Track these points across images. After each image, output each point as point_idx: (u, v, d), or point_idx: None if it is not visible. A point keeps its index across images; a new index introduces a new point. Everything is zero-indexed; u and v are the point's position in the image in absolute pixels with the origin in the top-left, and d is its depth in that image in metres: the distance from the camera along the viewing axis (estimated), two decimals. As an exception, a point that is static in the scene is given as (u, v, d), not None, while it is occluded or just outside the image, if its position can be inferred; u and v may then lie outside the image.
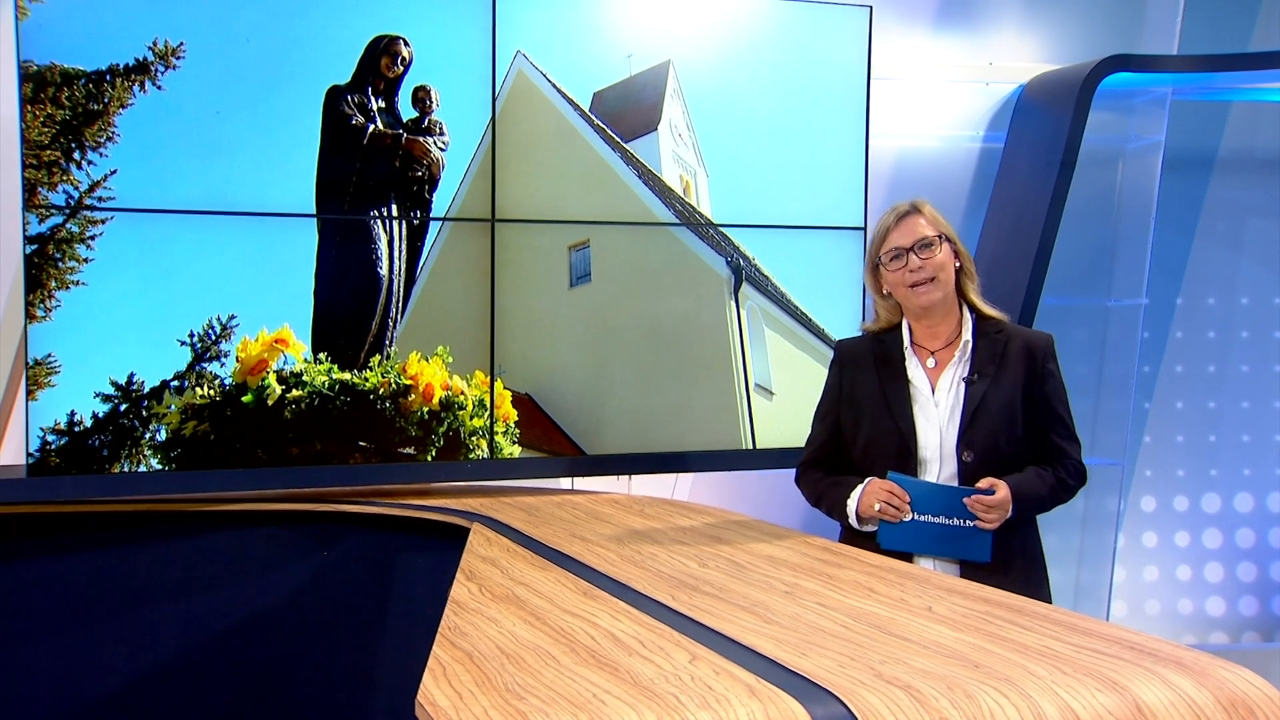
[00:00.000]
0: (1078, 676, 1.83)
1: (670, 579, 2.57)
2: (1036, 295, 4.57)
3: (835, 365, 3.24)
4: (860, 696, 1.74)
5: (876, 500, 2.97)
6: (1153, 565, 5.62)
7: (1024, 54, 5.13)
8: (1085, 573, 5.34)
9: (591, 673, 1.87)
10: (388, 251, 3.82)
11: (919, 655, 1.95)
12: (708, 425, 4.17)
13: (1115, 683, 1.82)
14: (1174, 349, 5.57)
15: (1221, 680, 1.84)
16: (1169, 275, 5.48)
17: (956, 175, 5.09)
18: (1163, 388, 5.58)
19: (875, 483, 3.01)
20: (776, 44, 4.22)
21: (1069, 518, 5.36)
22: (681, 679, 1.82)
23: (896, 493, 2.96)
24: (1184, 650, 1.97)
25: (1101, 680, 1.82)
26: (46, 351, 3.53)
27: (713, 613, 2.25)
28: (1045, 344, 3.11)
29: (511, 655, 1.98)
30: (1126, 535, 5.58)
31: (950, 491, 2.96)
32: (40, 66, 3.49)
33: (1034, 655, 1.95)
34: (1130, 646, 2.00)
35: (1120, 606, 5.61)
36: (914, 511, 2.96)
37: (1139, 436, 5.56)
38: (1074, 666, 1.88)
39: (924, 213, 3.05)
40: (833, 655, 1.95)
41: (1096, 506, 5.29)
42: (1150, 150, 5.09)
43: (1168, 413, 5.58)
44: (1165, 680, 1.83)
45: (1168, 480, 5.59)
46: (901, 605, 2.31)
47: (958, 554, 2.97)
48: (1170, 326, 5.57)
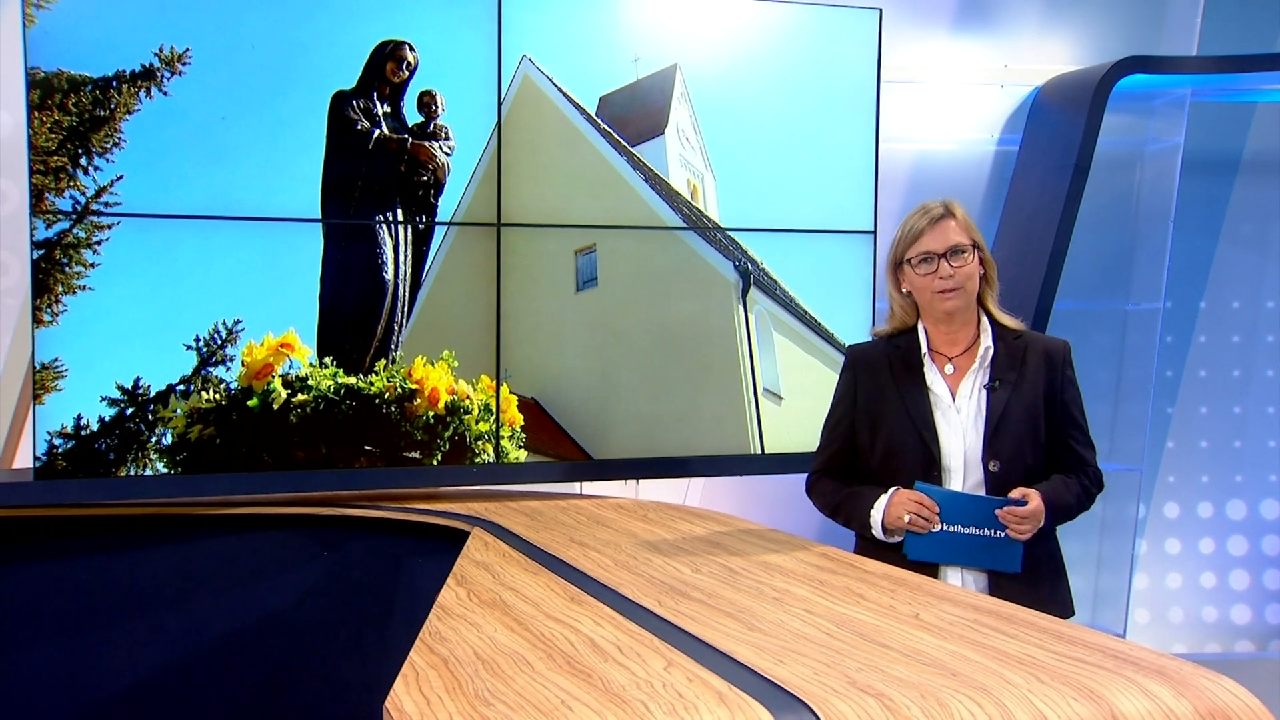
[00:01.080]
0: (1055, 685, 1.81)
1: (661, 584, 2.56)
2: (1050, 299, 4.53)
3: (848, 371, 3.17)
4: (830, 705, 1.72)
5: (905, 511, 2.91)
6: (1176, 572, 5.56)
7: (1040, 56, 5.09)
8: (1104, 579, 5.28)
9: (564, 679, 1.86)
10: (393, 256, 3.83)
11: (897, 663, 1.93)
12: (716, 430, 4.15)
13: (1093, 691, 1.79)
14: (1197, 353, 5.51)
15: (1201, 690, 1.81)
16: (1193, 279, 5.42)
17: (971, 178, 5.05)
18: (1186, 392, 5.51)
19: (903, 493, 2.95)
20: (785, 47, 4.20)
21: (1088, 524, 5.31)
22: (653, 686, 1.81)
23: (926, 503, 2.91)
24: (1168, 659, 1.94)
25: (1079, 689, 1.80)
26: (53, 356, 3.55)
27: (697, 619, 2.24)
28: (1063, 350, 3.07)
29: (487, 661, 1.97)
30: (1149, 542, 5.52)
31: (980, 501, 2.92)
32: (47, 73, 3.52)
33: (1013, 663, 1.92)
34: (1114, 655, 1.97)
35: (1143, 614, 5.55)
36: (943, 522, 2.92)
37: (1161, 442, 5.49)
38: (1052, 675, 1.86)
39: (957, 216, 2.99)
40: (810, 663, 1.93)
41: (1115, 512, 5.23)
42: (1169, 152, 5.04)
43: (1191, 418, 5.52)
44: (1144, 689, 1.80)
45: (1191, 486, 5.52)
46: (889, 612, 2.29)
47: (988, 564, 2.93)
48: (1194, 331, 5.51)
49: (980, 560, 2.92)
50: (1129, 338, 5.23)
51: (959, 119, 5.05)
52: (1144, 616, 5.54)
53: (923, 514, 2.90)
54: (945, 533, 2.91)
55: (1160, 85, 4.98)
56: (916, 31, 4.96)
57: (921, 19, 4.98)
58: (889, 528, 2.96)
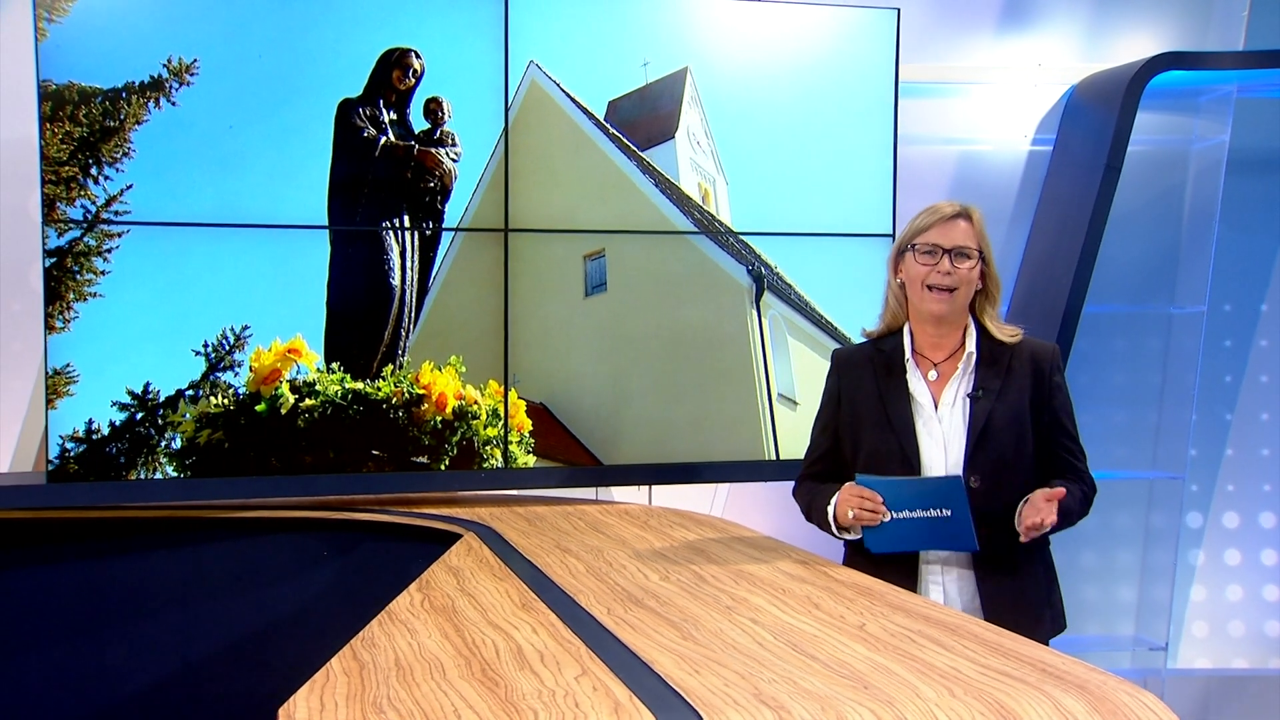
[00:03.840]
0: (966, 699, 1.75)
1: (621, 592, 2.53)
2: (1080, 302, 4.41)
3: (833, 374, 3.11)
4: (724, 716, 1.69)
5: (849, 507, 2.85)
6: (1236, 585, 5.37)
7: (1078, 54, 4.96)
8: (1147, 590, 5.14)
9: (469, 687, 1.84)
10: (399, 262, 3.86)
11: (815, 675, 1.89)
12: (730, 436, 4.11)
13: (1002, 706, 1.73)
14: (1258, 358, 5.32)
15: (1118, 705, 1.75)
16: (1254, 281, 5.23)
17: (1005, 179, 4.94)
18: (1246, 398, 5.33)
19: (846, 488, 2.87)
20: (801, 48, 4.15)
21: (1132, 534, 5.17)
22: (554, 695, 1.79)
23: (867, 495, 2.82)
24: (1099, 675, 1.87)
25: (989, 703, 1.74)
26: (65, 361, 3.64)
27: (637, 627, 2.21)
28: (1051, 355, 2.97)
29: (404, 668, 1.96)
30: (1206, 553, 5.35)
31: (919, 483, 2.83)
32: (59, 85, 3.60)
33: (935, 676, 1.87)
34: (1043, 669, 1.90)
35: (1201, 627, 5.38)
36: (890, 510, 2.84)
37: (1220, 450, 5.32)
38: (968, 689, 1.80)
39: (973, 220, 2.92)
40: (726, 674, 1.90)
41: (1160, 522, 5.08)
42: (1214, 151, 4.88)
43: (1251, 425, 5.33)
44: (1058, 704, 1.74)
45: (1252, 495, 5.33)
46: (835, 623, 2.24)
47: (946, 546, 2.84)
48: (1254, 334, 5.32)
49: (938, 543, 2.83)
50: (1173, 342, 5.08)
51: (994, 119, 4.94)
52: (1202, 630, 5.37)
53: (866, 506, 2.81)
54: (895, 521, 2.81)
55: (1205, 82, 4.84)
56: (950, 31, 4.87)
57: (955, 18, 4.89)
58: (842, 525, 2.90)
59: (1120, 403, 5.11)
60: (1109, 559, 5.20)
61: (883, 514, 2.81)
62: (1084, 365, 5.00)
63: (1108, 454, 5.13)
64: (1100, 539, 5.17)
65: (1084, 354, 5.00)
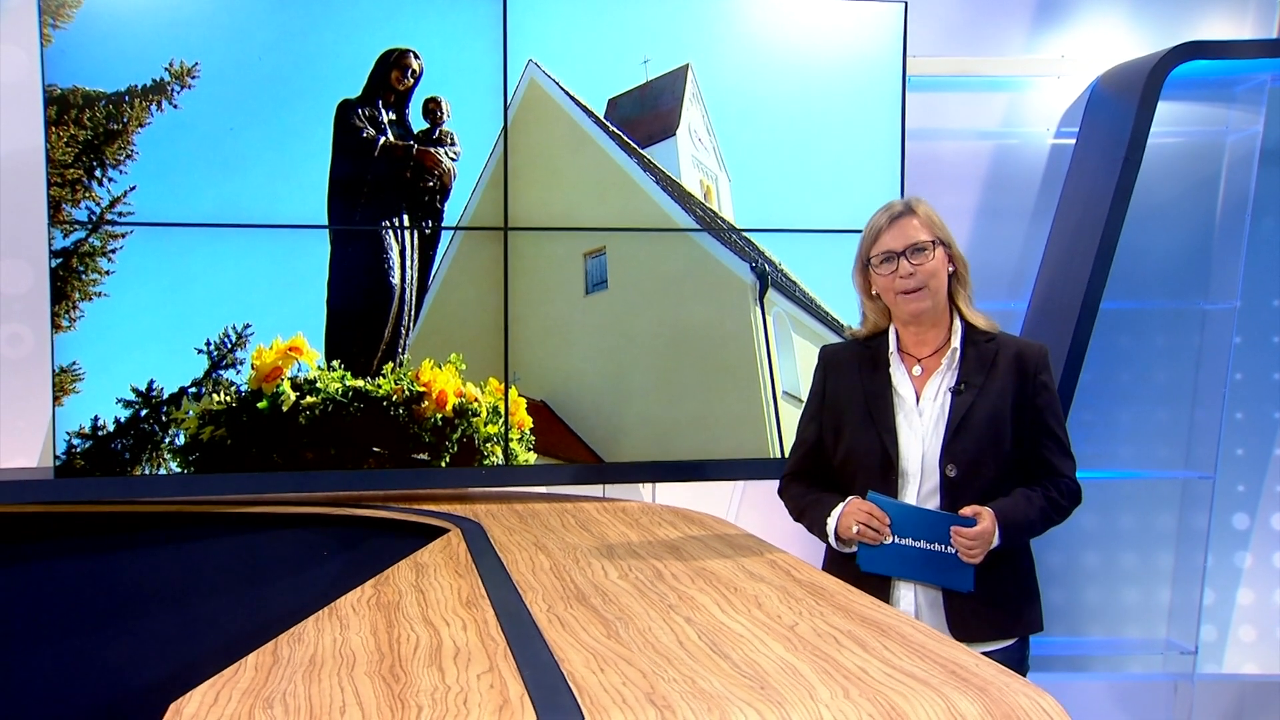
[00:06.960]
0: (858, 701, 1.73)
1: (571, 590, 2.53)
2: (1097, 297, 4.31)
3: (819, 371, 3.11)
4: (608, 715, 1.68)
5: (855, 522, 2.84)
6: (1285, 587, 5.23)
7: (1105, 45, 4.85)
8: (1178, 593, 5.01)
9: (369, 683, 1.86)
10: (399, 260, 3.89)
11: (719, 675, 1.87)
12: (734, 434, 4.09)
13: (894, 707, 1.71)
14: (1273, 355, 5.16)
15: (1014, 708, 1.72)
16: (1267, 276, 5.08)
17: (1027, 173, 4.85)
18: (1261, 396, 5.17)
19: (855, 503, 2.87)
20: (806, 43, 4.11)
21: (1162, 536, 5.05)
22: (449, 692, 1.80)
23: (876, 514, 2.82)
24: (1005, 676, 1.84)
25: (880, 705, 1.72)
26: (71, 359, 3.72)
27: (567, 625, 2.21)
28: (1038, 354, 2.93)
29: (316, 664, 1.98)
30: (1255, 555, 5.21)
31: (933, 516, 2.81)
32: (63, 89, 3.68)
33: (838, 677, 1.84)
34: (953, 671, 1.87)
35: (1249, 632, 5.24)
36: (894, 534, 2.82)
37: (1269, 449, 5.17)
38: (865, 690, 1.77)
39: (918, 213, 2.91)
40: (630, 672, 1.89)
41: (1190, 523, 4.96)
42: (1248, 142, 4.75)
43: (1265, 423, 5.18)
44: (951, 705, 1.72)
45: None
46: (768, 624, 2.22)
47: (939, 581, 2.83)
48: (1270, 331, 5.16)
49: (932, 576, 2.82)
50: (1206, 338, 4.95)
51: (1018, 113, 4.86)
52: (1249, 634, 5.22)
53: (872, 525, 2.81)
54: (896, 545, 2.81)
55: (1240, 71, 4.70)
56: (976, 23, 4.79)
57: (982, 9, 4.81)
58: (842, 537, 2.88)
59: (1156, 400, 4.99)
60: (1149, 560, 5.07)
61: (886, 535, 2.80)
62: (1122, 362, 4.90)
63: (1148, 454, 5.02)
64: (1139, 540, 5.06)
65: (1121, 351, 4.90)
